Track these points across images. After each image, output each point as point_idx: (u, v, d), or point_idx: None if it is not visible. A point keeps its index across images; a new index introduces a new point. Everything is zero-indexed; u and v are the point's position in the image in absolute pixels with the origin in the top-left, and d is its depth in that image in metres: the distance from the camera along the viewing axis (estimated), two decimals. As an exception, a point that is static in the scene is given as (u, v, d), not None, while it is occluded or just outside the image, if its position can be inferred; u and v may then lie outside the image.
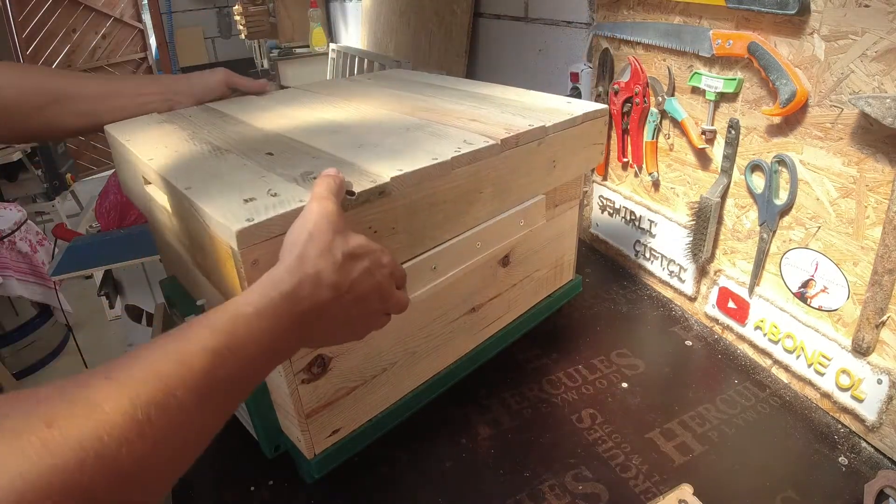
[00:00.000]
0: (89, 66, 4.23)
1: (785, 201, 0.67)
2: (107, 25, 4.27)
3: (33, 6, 3.88)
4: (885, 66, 0.54)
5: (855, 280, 0.62)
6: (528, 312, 0.78)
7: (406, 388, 0.65)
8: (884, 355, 0.60)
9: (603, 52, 0.92)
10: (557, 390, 0.72)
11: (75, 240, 1.44)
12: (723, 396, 0.70)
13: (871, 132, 0.57)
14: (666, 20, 0.78)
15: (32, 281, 2.15)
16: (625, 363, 0.76)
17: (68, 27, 4.07)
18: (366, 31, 2.44)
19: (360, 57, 2.12)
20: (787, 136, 0.66)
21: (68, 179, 3.05)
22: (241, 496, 0.60)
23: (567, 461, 0.62)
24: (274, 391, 0.56)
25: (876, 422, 0.61)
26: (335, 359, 0.55)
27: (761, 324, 0.74)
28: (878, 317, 0.59)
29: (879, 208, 0.58)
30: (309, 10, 2.91)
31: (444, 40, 1.68)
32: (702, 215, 0.77)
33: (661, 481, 0.59)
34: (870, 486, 0.54)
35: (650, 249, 0.92)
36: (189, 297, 0.70)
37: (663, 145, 0.85)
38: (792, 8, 0.59)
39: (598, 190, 1.01)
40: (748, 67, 0.68)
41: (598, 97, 0.95)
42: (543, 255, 0.77)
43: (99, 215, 1.55)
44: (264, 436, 0.59)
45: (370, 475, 0.62)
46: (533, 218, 0.67)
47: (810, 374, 0.68)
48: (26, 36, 3.89)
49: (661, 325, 0.84)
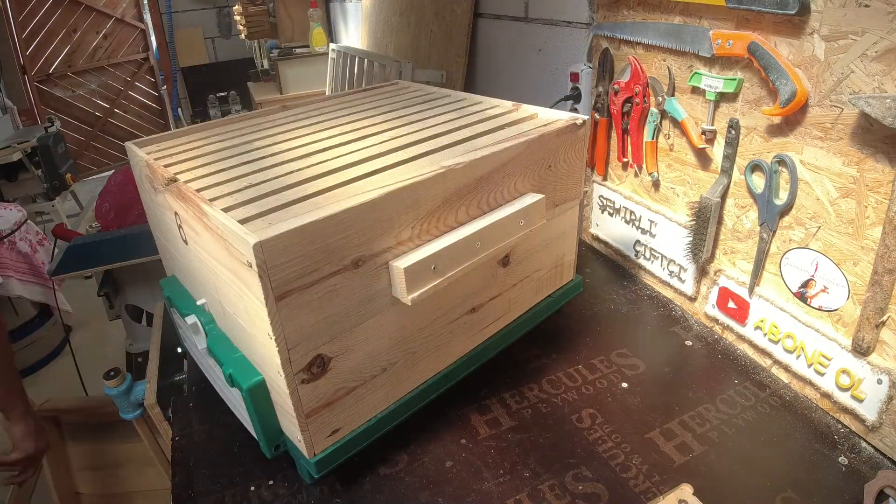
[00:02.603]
0: (90, 66, 4.23)
1: (785, 201, 0.67)
2: (108, 25, 4.27)
3: (33, 6, 3.88)
4: (885, 66, 0.54)
5: (855, 280, 0.62)
6: (529, 312, 0.78)
7: (406, 388, 0.65)
8: (884, 355, 0.60)
9: (603, 52, 0.92)
10: (557, 390, 0.72)
11: (75, 240, 1.44)
12: (723, 396, 0.70)
13: (871, 132, 0.57)
14: (666, 20, 0.78)
15: (32, 281, 2.15)
16: (625, 363, 0.76)
17: (69, 27, 4.07)
18: (366, 31, 2.44)
19: (360, 57, 2.12)
20: (787, 136, 0.66)
21: (68, 179, 3.05)
22: (241, 496, 0.60)
23: (567, 461, 0.62)
24: (274, 391, 0.56)
25: (876, 422, 0.61)
26: (335, 359, 0.55)
27: (761, 324, 0.74)
28: (878, 317, 0.59)
29: (879, 208, 0.58)
30: (309, 10, 2.91)
31: (444, 40, 1.68)
32: (702, 215, 0.77)
33: (661, 481, 0.59)
34: (870, 486, 0.54)
35: (650, 249, 0.92)
36: (189, 296, 0.70)
37: (663, 145, 0.85)
38: (792, 8, 0.59)
39: (598, 190, 1.02)
40: (748, 67, 0.68)
41: (598, 97, 0.95)
42: (543, 255, 0.77)
43: (99, 215, 1.55)
44: (264, 436, 0.59)
45: (370, 475, 0.62)
46: (533, 218, 0.67)
47: (810, 374, 0.68)
48: (26, 36, 3.89)
49: (661, 325, 0.84)
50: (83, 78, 4.26)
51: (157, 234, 0.77)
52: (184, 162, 0.67)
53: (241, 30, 3.29)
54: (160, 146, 0.74)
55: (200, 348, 0.65)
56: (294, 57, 2.92)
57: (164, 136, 0.78)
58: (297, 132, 0.75)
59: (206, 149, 0.71)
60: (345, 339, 0.55)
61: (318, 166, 0.62)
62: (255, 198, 0.56)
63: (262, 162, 0.65)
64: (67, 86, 4.19)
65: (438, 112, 0.79)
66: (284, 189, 0.57)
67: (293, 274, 0.48)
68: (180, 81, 4.65)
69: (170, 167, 0.65)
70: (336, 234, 0.50)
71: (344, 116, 0.80)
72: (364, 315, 0.56)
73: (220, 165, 0.65)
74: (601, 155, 0.98)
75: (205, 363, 0.71)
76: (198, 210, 0.53)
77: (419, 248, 0.58)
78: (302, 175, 0.60)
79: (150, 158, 0.68)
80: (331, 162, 0.63)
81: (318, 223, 0.49)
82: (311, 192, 0.56)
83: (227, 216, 0.50)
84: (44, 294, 2.18)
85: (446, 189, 0.59)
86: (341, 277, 0.52)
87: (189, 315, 0.65)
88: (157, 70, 4.58)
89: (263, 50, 3.41)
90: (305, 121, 0.80)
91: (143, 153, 0.71)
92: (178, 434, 0.69)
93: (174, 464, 0.65)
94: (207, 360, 0.68)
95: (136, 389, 0.91)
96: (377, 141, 0.69)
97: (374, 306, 0.56)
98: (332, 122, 0.79)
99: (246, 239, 0.45)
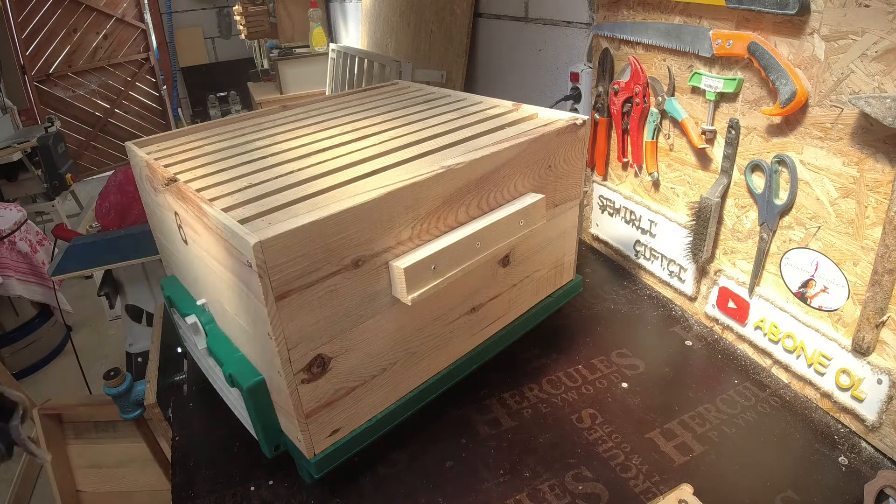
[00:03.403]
0: (90, 66, 4.23)
1: (785, 201, 0.67)
2: (108, 26, 4.27)
3: (33, 6, 3.88)
4: (885, 66, 0.54)
5: (855, 280, 0.62)
6: (529, 312, 0.78)
7: (406, 388, 0.65)
8: (884, 355, 0.60)
9: (603, 52, 0.92)
10: (557, 390, 0.72)
11: (75, 240, 1.44)
12: (723, 396, 0.70)
13: (871, 132, 0.57)
14: (666, 20, 0.78)
15: (32, 281, 2.15)
16: (625, 363, 0.76)
17: (69, 27, 4.07)
18: (366, 31, 2.44)
19: (360, 57, 2.12)
20: (787, 136, 0.66)
21: (68, 179, 3.05)
22: (241, 496, 0.60)
23: (567, 461, 0.62)
24: (274, 391, 0.56)
25: (876, 422, 0.61)
26: (335, 359, 0.55)
27: (761, 324, 0.74)
28: (878, 317, 0.59)
29: (879, 208, 0.58)
30: (309, 10, 2.91)
31: (444, 40, 1.68)
32: (702, 215, 0.77)
33: (661, 481, 0.59)
34: (870, 486, 0.54)
35: (650, 249, 0.92)
36: (189, 296, 0.70)
37: (663, 145, 0.85)
38: (792, 8, 0.59)
39: (598, 190, 1.01)
40: (748, 67, 0.68)
41: (598, 97, 0.95)
42: (543, 255, 0.77)
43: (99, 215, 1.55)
44: (264, 436, 0.59)
45: (370, 475, 0.62)
46: (533, 218, 0.67)
47: (810, 374, 0.68)
48: (26, 36, 3.89)
49: (661, 325, 0.84)
50: (83, 78, 4.26)
51: (157, 234, 0.77)
52: (184, 162, 0.67)
53: (241, 30, 3.29)
54: (160, 146, 0.74)
55: (200, 348, 0.65)
56: (294, 57, 2.92)
57: (164, 136, 0.78)
58: (297, 132, 0.75)
59: (206, 149, 0.71)
60: (345, 339, 0.55)
61: (318, 166, 0.62)
62: (255, 198, 0.56)
63: (262, 162, 0.65)
64: (67, 86, 4.19)
65: (438, 112, 0.79)
66: (284, 189, 0.57)
67: (293, 274, 0.48)
68: (180, 81, 4.65)
69: (170, 167, 0.65)
70: (336, 234, 0.50)
71: (344, 116, 0.80)
72: (364, 315, 0.56)
73: (220, 165, 0.65)
74: (601, 155, 0.98)
75: (205, 363, 0.71)
76: (198, 210, 0.53)
77: (419, 248, 0.58)
78: (302, 175, 0.60)
79: (150, 158, 0.68)
80: (331, 162, 0.63)
81: (318, 223, 0.49)
82: (312, 192, 0.56)
83: (227, 216, 0.50)
84: (44, 294, 2.18)
85: (446, 189, 0.59)
86: (341, 277, 0.52)
87: (189, 315, 0.65)
88: (157, 70, 4.58)
89: (263, 50, 3.41)
90: (305, 121, 0.80)
91: (143, 153, 0.71)
92: (178, 434, 0.69)
93: (174, 464, 0.65)
94: (207, 360, 0.68)
95: (136, 389, 0.91)
96: (377, 141, 0.69)
97: (374, 306, 0.56)
98: (332, 122, 0.79)
99: (246, 239, 0.45)
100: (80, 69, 4.21)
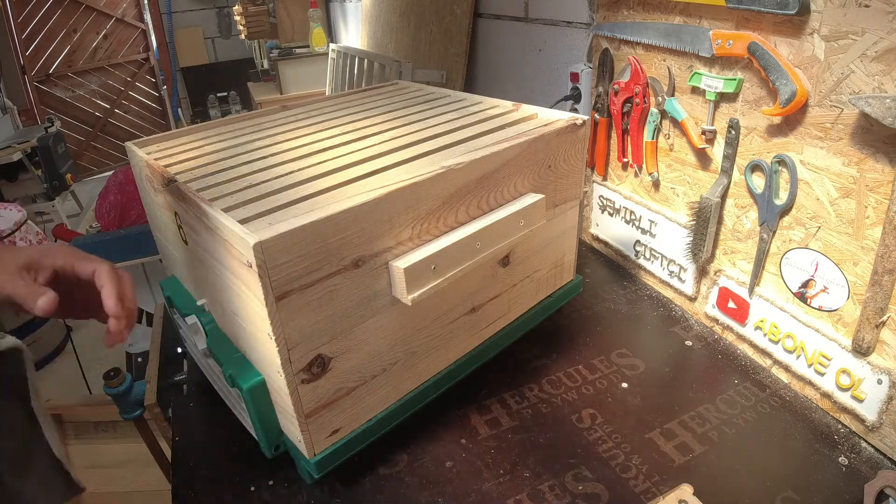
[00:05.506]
0: (90, 66, 4.23)
1: (785, 201, 0.67)
2: (108, 26, 4.27)
3: (33, 6, 3.88)
4: (885, 66, 0.54)
5: (855, 280, 0.62)
6: (529, 312, 0.78)
7: (406, 388, 0.65)
8: (884, 355, 0.60)
9: (603, 52, 0.92)
10: (557, 390, 0.72)
11: (75, 240, 1.44)
12: (723, 396, 0.70)
13: (871, 132, 0.57)
14: (666, 20, 0.78)
15: (32, 281, 2.14)
16: (625, 363, 0.76)
17: (69, 28, 4.07)
18: (366, 31, 2.44)
19: (360, 57, 2.12)
20: (787, 136, 0.66)
21: (68, 179, 3.05)
22: (241, 496, 0.60)
23: (567, 461, 0.62)
24: (274, 391, 0.56)
25: (876, 422, 0.61)
26: (335, 359, 0.55)
27: (761, 324, 0.74)
28: (878, 317, 0.59)
29: (879, 208, 0.58)
30: (309, 11, 2.91)
31: (444, 40, 1.68)
32: (702, 215, 0.77)
33: (661, 481, 0.59)
34: (870, 486, 0.54)
35: (650, 249, 0.92)
36: (189, 297, 0.70)
37: (663, 145, 0.85)
38: (792, 8, 0.59)
39: (598, 190, 1.02)
40: (748, 67, 0.68)
41: (598, 97, 0.95)
42: (543, 256, 0.77)
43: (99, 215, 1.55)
44: (264, 436, 0.59)
45: (370, 475, 0.62)
46: (533, 218, 0.67)
47: (810, 374, 0.68)
48: (26, 36, 3.89)
49: (661, 325, 0.84)
50: (83, 78, 4.26)
51: (157, 234, 0.77)
52: (184, 162, 0.67)
53: (241, 30, 3.29)
54: (160, 146, 0.74)
55: (200, 348, 0.65)
56: (294, 57, 2.92)
57: (164, 136, 0.78)
58: (297, 132, 0.75)
59: (206, 149, 0.71)
60: (345, 339, 0.55)
61: (318, 166, 0.62)
62: (255, 198, 0.56)
63: (262, 162, 0.65)
64: (67, 86, 4.19)
65: (438, 112, 0.79)
66: (284, 189, 0.57)
67: (293, 274, 0.48)
68: (180, 81, 4.66)
69: (170, 167, 0.65)
70: (336, 234, 0.50)
71: (344, 116, 0.80)
72: (364, 315, 0.56)
73: (220, 165, 0.65)
74: (601, 155, 0.98)
75: (205, 363, 0.71)
76: (198, 210, 0.53)
77: (419, 248, 0.58)
78: (302, 175, 0.60)
79: (150, 158, 0.68)
80: (331, 162, 0.63)
81: (318, 223, 0.49)
82: (312, 192, 0.56)
83: (227, 216, 0.50)
84: (44, 294, 2.17)
85: (446, 189, 0.59)
86: (341, 277, 0.52)
87: (189, 315, 0.65)
88: (157, 70, 4.58)
89: (263, 50, 3.41)
90: (305, 121, 0.80)
91: (143, 153, 0.71)
92: (178, 434, 0.69)
93: (174, 464, 0.65)
94: (207, 360, 0.68)
95: (136, 389, 0.91)
96: (377, 141, 0.69)
97: (374, 306, 0.56)
98: (332, 122, 0.79)
99: (246, 239, 0.45)
100: (80, 69, 4.21)
